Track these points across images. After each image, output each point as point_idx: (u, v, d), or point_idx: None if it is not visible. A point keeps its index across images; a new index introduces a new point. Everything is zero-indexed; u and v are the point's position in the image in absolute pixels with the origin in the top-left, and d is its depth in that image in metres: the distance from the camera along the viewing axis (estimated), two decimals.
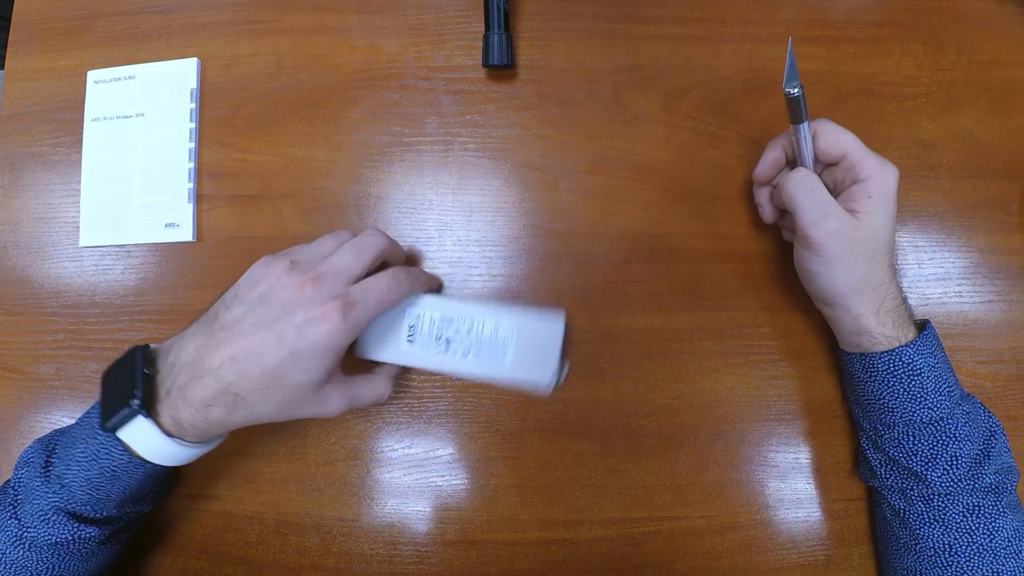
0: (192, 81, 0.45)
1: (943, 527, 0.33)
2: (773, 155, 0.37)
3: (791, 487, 0.40)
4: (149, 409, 0.29)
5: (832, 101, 0.44)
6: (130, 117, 0.45)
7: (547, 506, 0.40)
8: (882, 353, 0.34)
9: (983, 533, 0.33)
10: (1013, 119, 0.44)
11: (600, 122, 0.44)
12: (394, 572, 0.40)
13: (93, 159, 0.45)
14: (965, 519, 0.33)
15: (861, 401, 0.37)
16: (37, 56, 0.47)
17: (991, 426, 0.35)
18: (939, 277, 0.42)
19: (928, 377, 0.34)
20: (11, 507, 0.32)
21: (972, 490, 0.33)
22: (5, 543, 0.32)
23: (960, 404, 0.35)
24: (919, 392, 0.34)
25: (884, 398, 0.35)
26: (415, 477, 0.41)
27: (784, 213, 0.38)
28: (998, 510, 0.33)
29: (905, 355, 0.34)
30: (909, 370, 0.34)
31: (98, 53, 0.46)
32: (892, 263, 0.35)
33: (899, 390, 0.34)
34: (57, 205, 0.45)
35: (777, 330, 0.41)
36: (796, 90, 0.32)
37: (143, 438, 0.30)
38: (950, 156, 0.43)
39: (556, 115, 0.44)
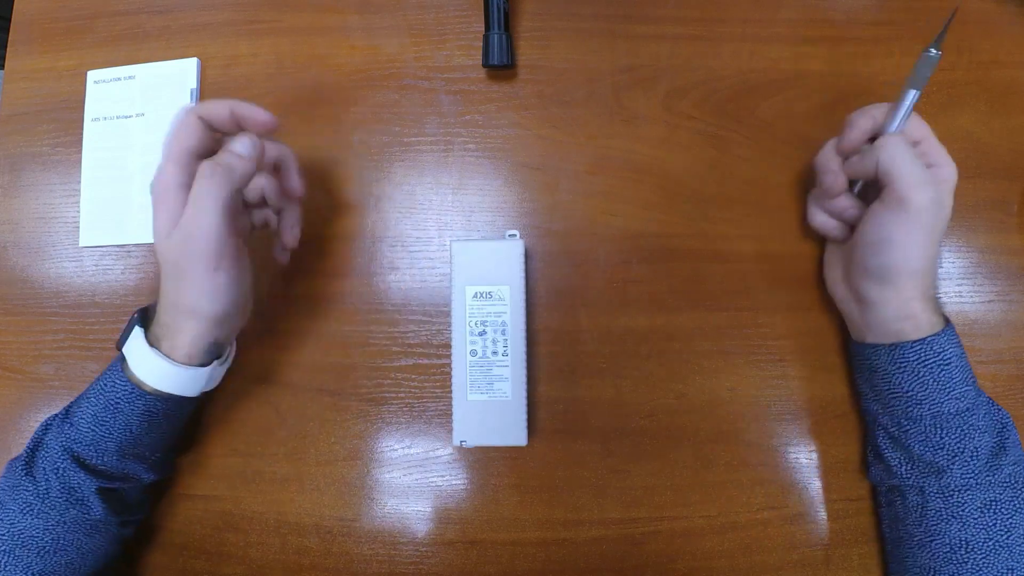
0: (192, 81, 0.45)
1: (960, 523, 0.33)
2: (865, 124, 0.36)
3: (791, 487, 0.40)
4: (147, 324, 0.34)
5: (832, 101, 0.44)
6: (130, 117, 0.45)
7: (547, 506, 0.40)
8: (914, 343, 0.34)
9: (1000, 529, 0.32)
10: (1013, 119, 0.44)
11: (600, 122, 0.44)
12: (394, 572, 0.40)
13: (93, 159, 0.45)
14: (983, 515, 0.33)
15: (884, 396, 0.36)
16: (37, 56, 0.47)
17: (1003, 418, 0.35)
18: (939, 277, 0.42)
19: (957, 367, 0.34)
20: (26, 465, 0.34)
21: (990, 484, 0.33)
22: (15, 512, 0.33)
23: (980, 395, 0.35)
24: (948, 382, 0.34)
25: (913, 390, 0.34)
26: (415, 477, 0.41)
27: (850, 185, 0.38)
28: (1015, 506, 0.33)
29: (937, 344, 0.34)
30: (940, 360, 0.34)
31: (98, 53, 0.46)
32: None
33: (929, 380, 0.34)
34: (57, 205, 0.45)
35: (777, 330, 0.41)
36: (936, 52, 0.33)
37: (136, 351, 0.33)
38: (951, 156, 0.43)
39: (556, 115, 0.44)
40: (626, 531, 0.40)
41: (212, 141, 0.33)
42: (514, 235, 0.38)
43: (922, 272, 0.34)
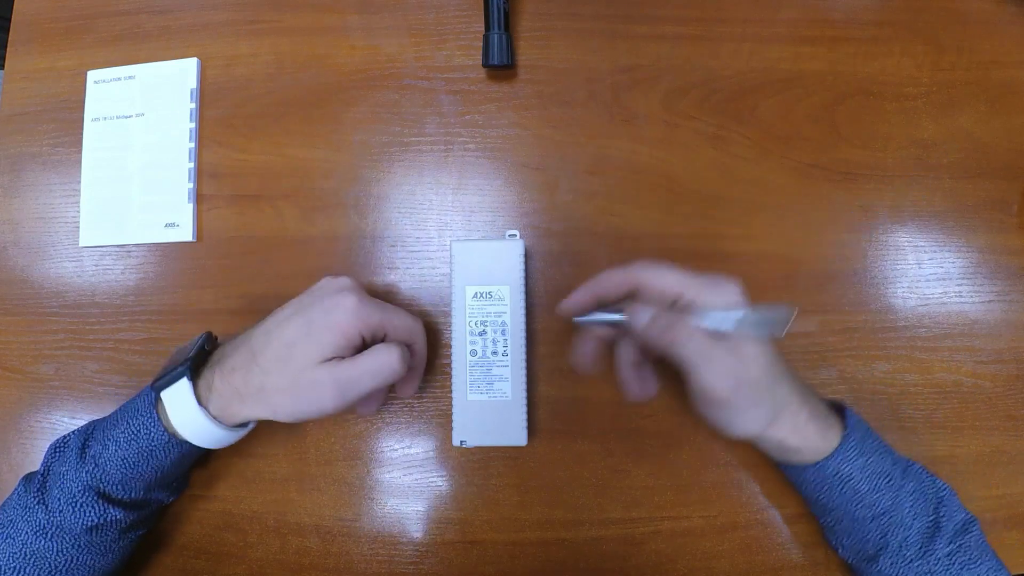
0: (192, 81, 0.45)
1: None
2: (583, 298, 0.36)
3: (791, 487, 0.40)
4: (195, 375, 0.33)
5: (832, 101, 0.44)
6: (130, 117, 0.45)
7: (547, 506, 0.40)
8: (807, 467, 0.34)
9: None
10: (1013, 119, 0.44)
11: (600, 122, 0.44)
12: (394, 572, 0.40)
13: (93, 159, 0.45)
14: None
15: (806, 499, 0.37)
16: (37, 56, 0.47)
17: (938, 492, 0.34)
18: (939, 277, 0.42)
19: (860, 479, 0.33)
20: (39, 493, 0.33)
21: (927, 566, 0.33)
22: (28, 533, 0.32)
23: (903, 486, 0.34)
24: (854, 495, 0.34)
25: (823, 500, 0.35)
26: (415, 477, 0.41)
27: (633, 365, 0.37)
28: (953, 569, 0.32)
29: (830, 467, 0.33)
30: (839, 478, 0.33)
31: (98, 53, 0.46)
32: (788, 371, 0.34)
33: (834, 495, 0.34)
34: (57, 205, 0.45)
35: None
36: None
37: (179, 403, 0.32)
38: (950, 156, 0.43)
39: (556, 115, 0.44)
40: (626, 531, 0.40)
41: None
42: (514, 235, 0.38)
43: (777, 419, 0.33)
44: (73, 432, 0.35)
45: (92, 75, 0.46)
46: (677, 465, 0.40)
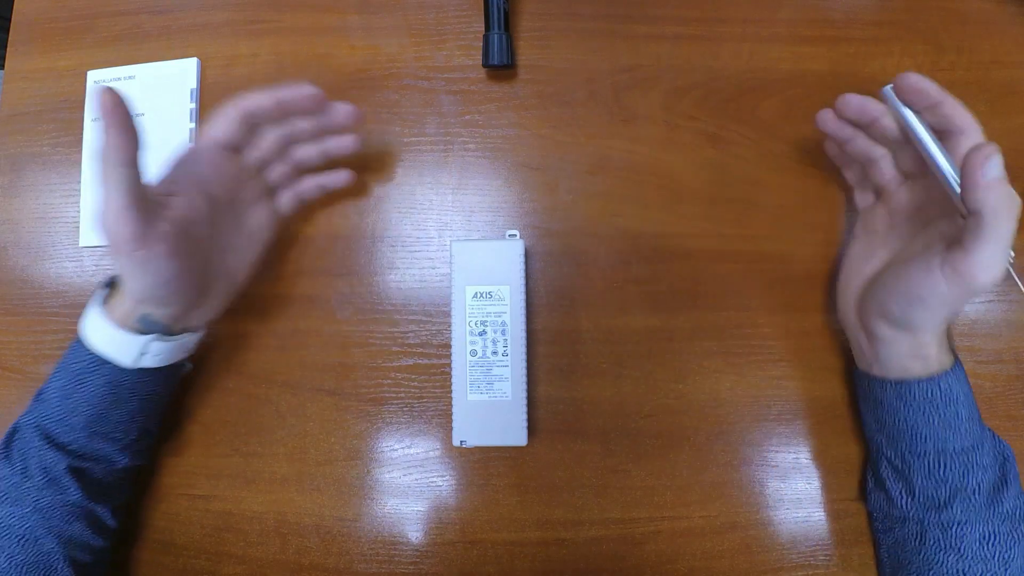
0: (192, 81, 0.45)
1: (958, 555, 0.33)
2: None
3: (791, 487, 0.40)
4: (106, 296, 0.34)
5: (832, 101, 0.44)
6: None
7: (547, 506, 0.40)
8: (921, 380, 0.33)
9: (998, 562, 0.32)
10: (1013, 119, 0.44)
11: (600, 122, 0.44)
12: (394, 572, 0.40)
13: (93, 159, 0.45)
14: (981, 548, 0.33)
15: (889, 429, 0.36)
16: (37, 56, 0.47)
17: (1005, 452, 0.35)
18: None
19: (964, 404, 0.33)
20: (4, 450, 0.34)
21: (990, 518, 0.33)
22: None
23: (985, 430, 0.34)
24: (954, 420, 0.33)
25: (919, 425, 0.34)
26: (415, 477, 0.41)
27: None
28: (1014, 538, 0.33)
29: (944, 383, 0.33)
30: (947, 398, 0.33)
31: (98, 53, 0.46)
32: None
33: (935, 418, 0.33)
34: (57, 205, 0.45)
35: (777, 330, 0.41)
36: None
37: (90, 314, 0.34)
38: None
39: (556, 115, 0.44)
40: (626, 531, 0.40)
41: (244, 138, 0.35)
42: (514, 235, 0.38)
43: (940, 329, 0.33)
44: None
45: (92, 75, 0.46)
46: (677, 465, 0.40)
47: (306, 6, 0.46)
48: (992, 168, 0.27)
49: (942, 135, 0.32)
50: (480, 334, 0.37)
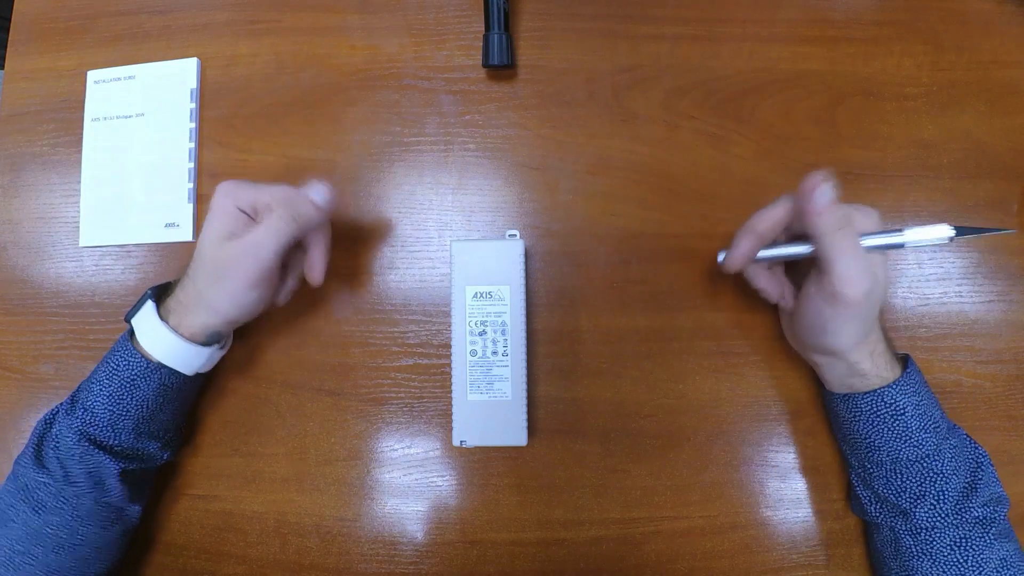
0: (192, 81, 0.45)
1: (931, 561, 0.33)
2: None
3: (791, 487, 0.40)
4: (158, 302, 0.36)
5: (832, 101, 0.44)
6: (130, 117, 0.45)
7: (547, 506, 0.40)
8: (865, 394, 0.35)
9: (971, 566, 0.33)
10: (1013, 119, 0.44)
11: (600, 122, 0.44)
12: (394, 572, 0.40)
13: (93, 159, 0.45)
14: (952, 552, 0.33)
15: (848, 439, 0.37)
16: (37, 56, 0.47)
17: (978, 457, 0.35)
18: (939, 277, 0.42)
19: (912, 416, 0.34)
20: (35, 460, 0.34)
21: (959, 524, 0.33)
22: (27, 512, 0.33)
23: (947, 439, 0.35)
24: (903, 431, 0.34)
25: (870, 437, 0.35)
26: (415, 477, 0.41)
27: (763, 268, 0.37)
28: (986, 541, 0.33)
29: (888, 395, 0.34)
30: (893, 409, 0.34)
31: (98, 53, 0.46)
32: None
33: (884, 429, 0.35)
34: (57, 205, 0.45)
35: (776, 330, 0.41)
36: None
37: (146, 324, 0.35)
38: (950, 156, 0.43)
39: (556, 115, 0.44)
40: (626, 531, 0.40)
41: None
42: (514, 235, 0.38)
43: (864, 341, 0.34)
44: (60, 403, 0.36)
45: (92, 75, 0.46)
46: (677, 465, 0.40)
47: (306, 6, 0.46)
48: (819, 197, 0.31)
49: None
50: (480, 334, 0.37)
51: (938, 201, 0.43)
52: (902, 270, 0.42)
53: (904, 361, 0.36)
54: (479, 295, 0.37)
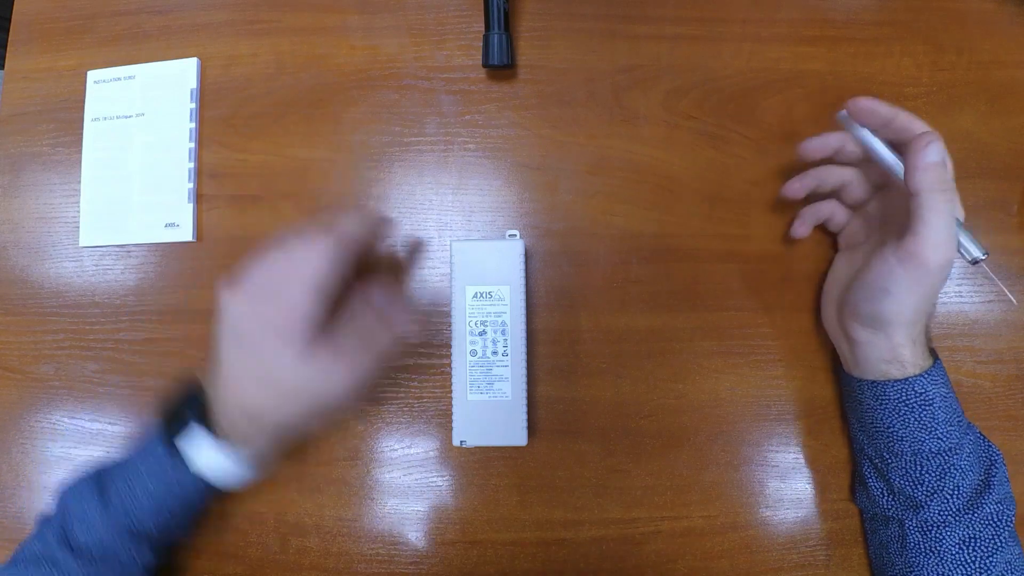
0: (192, 81, 0.45)
1: (938, 558, 0.33)
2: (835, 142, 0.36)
3: (791, 487, 0.40)
4: (204, 421, 0.32)
5: (832, 101, 0.44)
6: (130, 117, 0.45)
7: (547, 506, 0.40)
8: (895, 382, 0.34)
9: (978, 566, 0.32)
10: (1013, 119, 0.44)
11: (600, 122, 0.44)
12: (394, 572, 0.40)
13: (93, 159, 0.45)
14: (961, 551, 0.33)
15: (868, 428, 0.36)
16: (37, 56, 0.47)
17: (992, 455, 0.35)
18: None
19: (940, 407, 0.34)
20: (61, 534, 0.32)
21: (970, 522, 0.33)
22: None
23: (967, 434, 0.35)
24: (930, 422, 0.34)
25: (894, 426, 0.35)
26: (415, 477, 0.41)
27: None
28: (995, 544, 0.33)
29: (919, 385, 0.34)
30: (922, 400, 0.34)
31: (98, 53, 0.46)
32: None
33: (910, 419, 0.34)
34: (57, 205, 0.45)
35: (777, 330, 0.41)
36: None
37: (209, 457, 0.31)
38: (950, 156, 0.43)
39: (556, 115, 0.44)
40: (626, 531, 0.40)
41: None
42: (514, 235, 0.38)
43: (916, 320, 0.34)
44: (81, 479, 0.34)
45: (92, 75, 0.46)
46: (677, 465, 0.40)
47: (306, 6, 0.46)
48: (931, 153, 0.31)
49: (901, 147, 0.33)
50: (480, 334, 0.37)
51: None
52: None
53: (934, 354, 0.36)
54: (479, 295, 0.37)
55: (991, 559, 0.32)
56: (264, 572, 0.40)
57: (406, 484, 0.41)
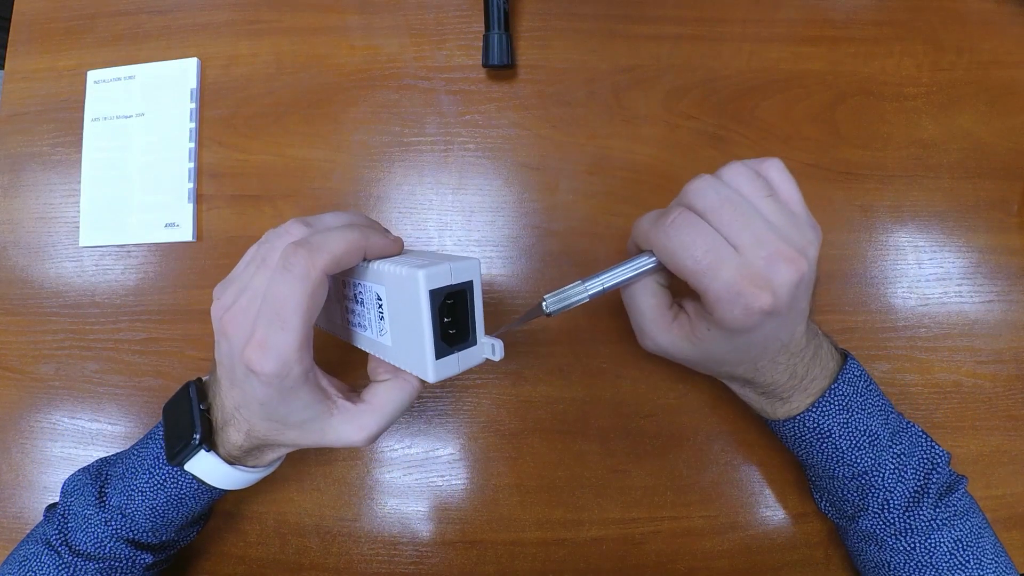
0: (192, 81, 0.45)
1: (878, 547, 0.33)
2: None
3: (791, 487, 0.40)
4: (209, 442, 0.30)
5: (832, 101, 0.44)
6: (130, 117, 0.45)
7: (547, 506, 0.40)
8: (787, 420, 0.33)
9: (921, 550, 0.32)
10: (1013, 119, 0.44)
11: (600, 122, 0.44)
12: (394, 572, 0.40)
13: (93, 159, 0.45)
14: (897, 541, 0.32)
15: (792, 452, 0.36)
16: (37, 56, 0.47)
17: (933, 459, 0.33)
18: (939, 277, 0.42)
19: (840, 436, 0.32)
20: (60, 534, 0.32)
21: (907, 530, 0.32)
22: (51, 568, 0.32)
23: (890, 447, 0.32)
24: (833, 452, 0.32)
25: (803, 456, 0.35)
26: (415, 477, 0.41)
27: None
28: (934, 525, 0.32)
29: (809, 420, 0.32)
30: (818, 433, 0.32)
31: (98, 53, 0.46)
32: (808, 307, 0.29)
33: (813, 451, 0.33)
34: (57, 205, 0.45)
35: None
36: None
37: (208, 468, 0.31)
38: (950, 156, 0.43)
39: (556, 115, 0.44)
40: (626, 531, 0.40)
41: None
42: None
43: (759, 368, 0.30)
44: (81, 473, 0.34)
45: (92, 75, 0.46)
46: (677, 465, 0.40)
47: (306, 6, 0.46)
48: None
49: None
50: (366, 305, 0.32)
51: (938, 201, 0.43)
52: (902, 270, 0.42)
53: (840, 361, 0.33)
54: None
55: (931, 540, 0.32)
56: (264, 572, 0.40)
57: (406, 484, 0.41)
